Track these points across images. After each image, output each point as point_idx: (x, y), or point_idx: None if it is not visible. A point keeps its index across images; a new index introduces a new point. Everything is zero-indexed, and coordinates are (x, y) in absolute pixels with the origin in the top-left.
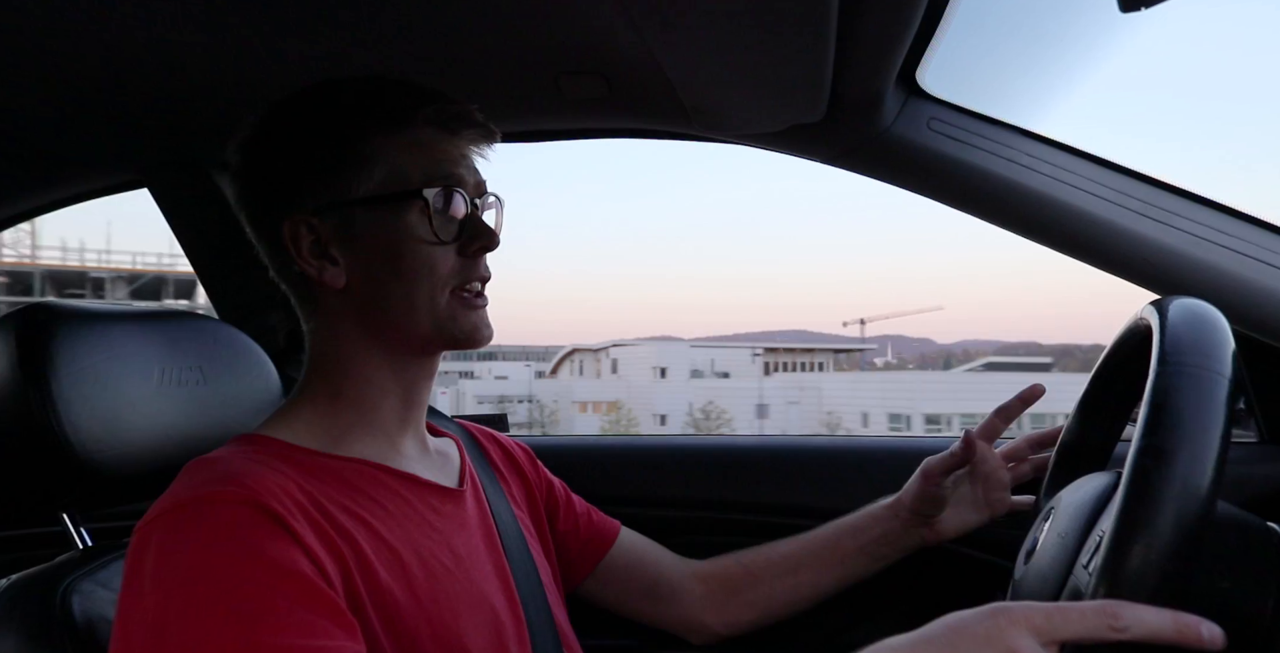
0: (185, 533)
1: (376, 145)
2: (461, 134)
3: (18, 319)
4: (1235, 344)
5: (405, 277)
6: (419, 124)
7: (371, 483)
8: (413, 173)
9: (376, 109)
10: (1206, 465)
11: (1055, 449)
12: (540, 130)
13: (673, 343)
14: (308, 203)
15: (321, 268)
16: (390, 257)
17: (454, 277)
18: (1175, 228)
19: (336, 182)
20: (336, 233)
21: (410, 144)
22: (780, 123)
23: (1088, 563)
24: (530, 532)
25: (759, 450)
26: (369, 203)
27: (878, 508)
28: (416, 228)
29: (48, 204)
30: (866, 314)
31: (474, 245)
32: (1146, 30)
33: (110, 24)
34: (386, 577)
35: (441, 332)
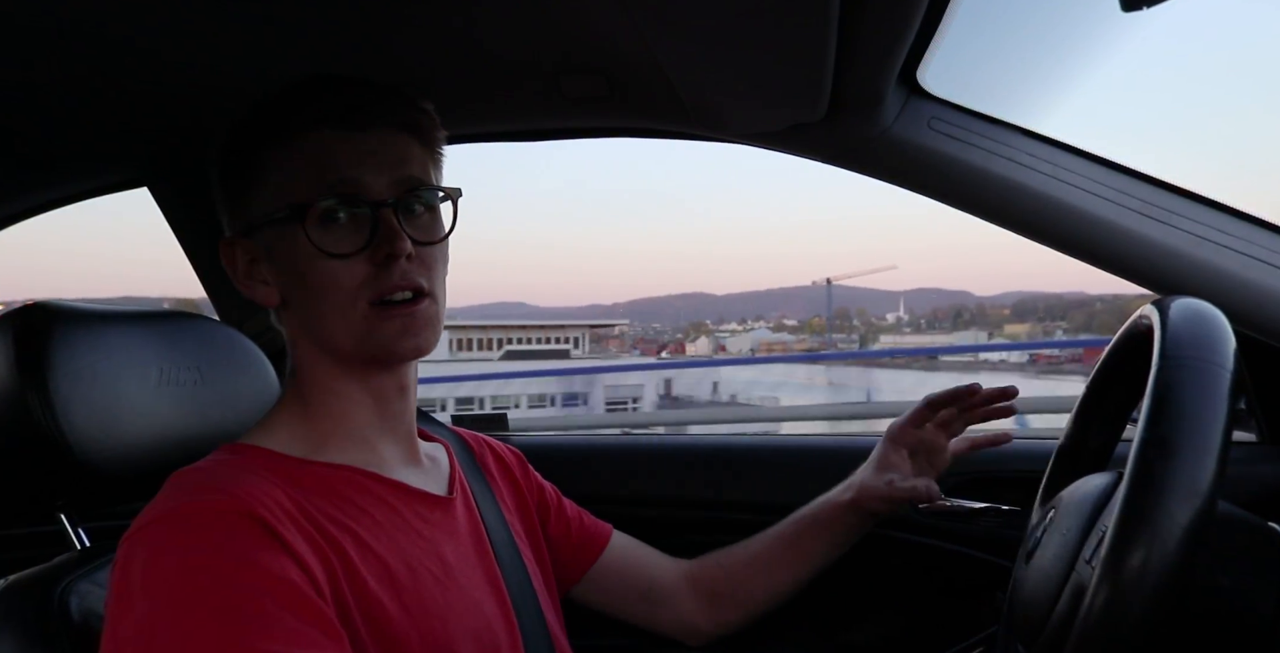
0: (173, 543)
1: (265, 160)
2: (370, 130)
3: (16, 319)
4: (1236, 343)
5: (315, 294)
6: (306, 130)
7: (359, 491)
8: (299, 186)
9: (263, 121)
10: (1210, 458)
11: (1055, 451)
12: (540, 129)
13: None
14: (235, 224)
15: (253, 288)
16: (297, 275)
17: (366, 288)
18: (1176, 228)
19: (244, 202)
20: (262, 253)
21: (296, 154)
22: (781, 122)
23: (1090, 558)
24: (522, 538)
25: (755, 450)
26: (267, 222)
27: (833, 504)
28: (312, 243)
29: (48, 203)
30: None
31: (380, 253)
32: (1149, 30)
33: (111, 23)
34: (375, 585)
35: (361, 347)
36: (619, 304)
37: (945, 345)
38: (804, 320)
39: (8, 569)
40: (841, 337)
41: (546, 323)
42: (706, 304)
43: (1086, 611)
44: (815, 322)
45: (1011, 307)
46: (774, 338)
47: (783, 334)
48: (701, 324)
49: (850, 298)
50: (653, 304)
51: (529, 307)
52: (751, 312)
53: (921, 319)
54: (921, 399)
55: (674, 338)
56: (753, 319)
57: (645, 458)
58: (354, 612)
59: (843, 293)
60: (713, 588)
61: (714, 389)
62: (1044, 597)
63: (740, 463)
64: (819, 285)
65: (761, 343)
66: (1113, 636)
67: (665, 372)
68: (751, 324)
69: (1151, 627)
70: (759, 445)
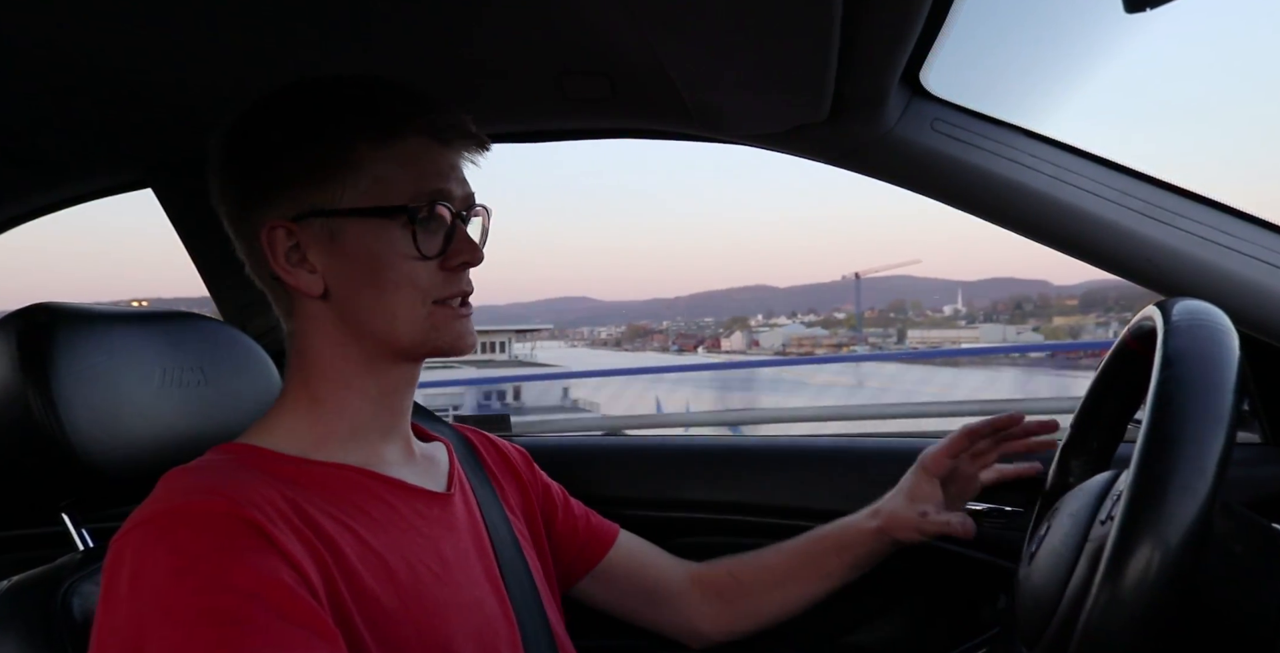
0: (160, 546)
1: (363, 154)
2: (453, 144)
3: (19, 320)
4: (1239, 344)
5: (386, 289)
6: (409, 135)
7: (356, 489)
8: (400, 186)
9: (366, 117)
10: (1213, 459)
11: (1057, 452)
12: (542, 130)
13: None
14: (287, 208)
15: (298, 275)
16: (372, 268)
17: (435, 290)
18: (1179, 229)
19: (320, 189)
20: (316, 240)
21: (398, 156)
22: (783, 123)
23: (1104, 519)
24: (524, 536)
25: (759, 451)
26: (353, 214)
27: (857, 528)
28: (400, 242)
29: (51, 204)
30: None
31: (456, 260)
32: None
33: (113, 23)
34: (372, 583)
35: (425, 342)
36: (680, 298)
37: (937, 349)
38: (853, 314)
39: (10, 570)
40: (878, 331)
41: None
42: (769, 297)
43: (1089, 612)
44: (868, 315)
45: (1080, 297)
46: (805, 333)
47: (816, 329)
48: (742, 319)
49: (909, 289)
50: (714, 298)
51: (592, 301)
52: (814, 304)
53: (980, 311)
54: (960, 429)
55: (715, 333)
56: (805, 313)
57: (648, 459)
58: (352, 610)
59: (903, 284)
60: (722, 595)
61: (564, 394)
62: (1046, 599)
63: (743, 464)
64: (852, 280)
65: (793, 338)
66: (1115, 637)
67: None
68: (802, 318)
69: (1154, 629)
70: (762, 447)
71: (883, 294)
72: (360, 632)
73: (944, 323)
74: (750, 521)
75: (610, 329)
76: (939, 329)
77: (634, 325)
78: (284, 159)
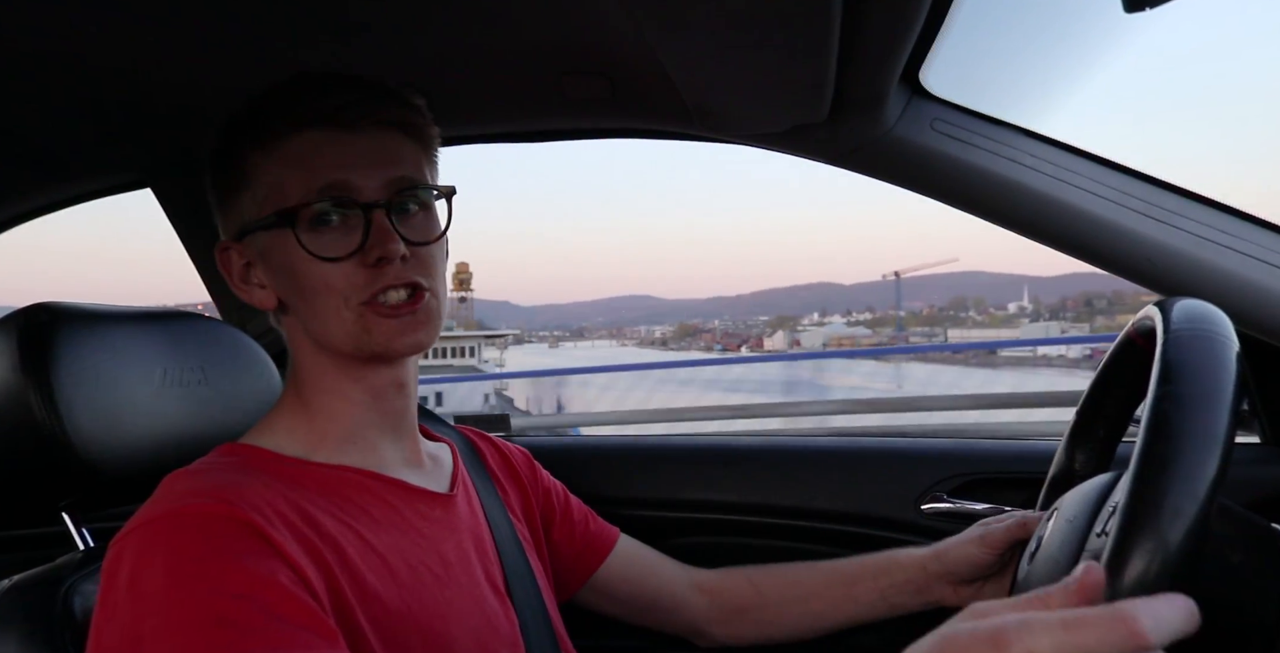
0: (160, 548)
1: (255, 163)
2: (359, 129)
3: (20, 319)
4: (1239, 345)
5: (309, 297)
6: (298, 131)
7: (357, 490)
8: (290, 189)
9: (252, 124)
10: (1212, 459)
11: (1058, 452)
12: (542, 130)
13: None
14: (229, 228)
15: (250, 292)
16: (291, 277)
17: (362, 290)
18: (1178, 229)
19: (235, 206)
20: (256, 257)
21: (286, 158)
22: (783, 123)
23: (1100, 532)
24: (526, 538)
25: (759, 451)
26: (257, 228)
27: (905, 555)
28: (304, 248)
29: (51, 204)
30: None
31: (372, 256)
32: (1152, 30)
33: (112, 24)
34: (375, 583)
35: (360, 346)
36: (742, 296)
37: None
38: (912, 312)
39: (11, 570)
40: (925, 330)
41: (444, 335)
42: (833, 294)
43: None
44: (925, 312)
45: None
46: (846, 332)
47: (859, 328)
48: (789, 318)
49: (974, 285)
50: (776, 295)
51: (655, 299)
52: (878, 302)
53: (1047, 308)
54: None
55: (762, 331)
56: (862, 311)
57: (648, 459)
58: (356, 609)
59: (968, 281)
60: (737, 603)
61: (485, 399)
62: (1057, 571)
63: (743, 464)
64: (896, 278)
65: (832, 337)
66: None
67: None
68: (857, 316)
69: None
70: (764, 447)
71: (947, 290)
72: (364, 631)
73: (1005, 321)
74: (750, 520)
75: (664, 328)
76: (981, 328)
77: (684, 325)
78: (211, 183)
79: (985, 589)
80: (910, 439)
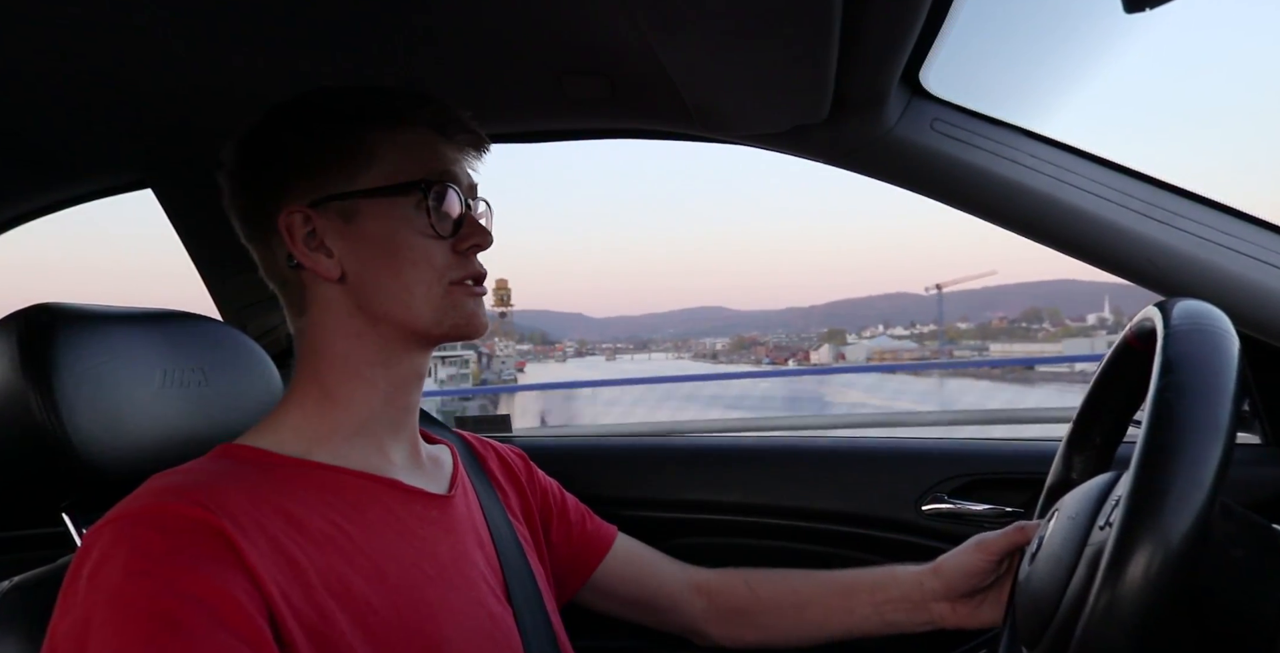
0: (123, 545)
1: (375, 140)
2: (455, 138)
3: (20, 320)
4: (1240, 346)
5: (403, 267)
6: (418, 124)
7: (352, 490)
8: (412, 168)
9: (378, 106)
10: (1213, 460)
11: (1058, 452)
12: (542, 131)
13: None
14: (304, 195)
15: (315, 259)
16: (387, 248)
17: (450, 270)
18: (1179, 229)
19: (335, 174)
20: (332, 225)
21: (409, 142)
22: (783, 123)
23: (1103, 525)
24: (527, 539)
25: (759, 451)
26: (370, 195)
27: (903, 570)
28: (415, 220)
29: (52, 204)
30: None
31: (467, 243)
32: (1151, 30)
33: (113, 25)
34: (362, 583)
35: (441, 320)
36: (815, 307)
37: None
38: (980, 323)
39: (11, 570)
40: (976, 344)
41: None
42: (909, 305)
43: (1089, 613)
44: (995, 324)
45: None
46: (890, 346)
47: (905, 341)
48: (838, 332)
49: (1062, 295)
50: (852, 306)
51: (728, 310)
52: (953, 311)
53: (1128, 320)
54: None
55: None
56: (931, 322)
57: (647, 459)
58: (336, 613)
59: (1051, 290)
60: (734, 606)
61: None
62: (1046, 600)
63: (742, 464)
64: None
65: (875, 351)
66: (1114, 640)
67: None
68: (921, 327)
69: (1154, 629)
70: (763, 447)
71: (1028, 300)
72: (346, 635)
73: (1080, 333)
74: (750, 521)
75: (723, 340)
76: (1022, 343)
77: (741, 337)
78: (301, 151)
79: (984, 607)
80: (910, 440)
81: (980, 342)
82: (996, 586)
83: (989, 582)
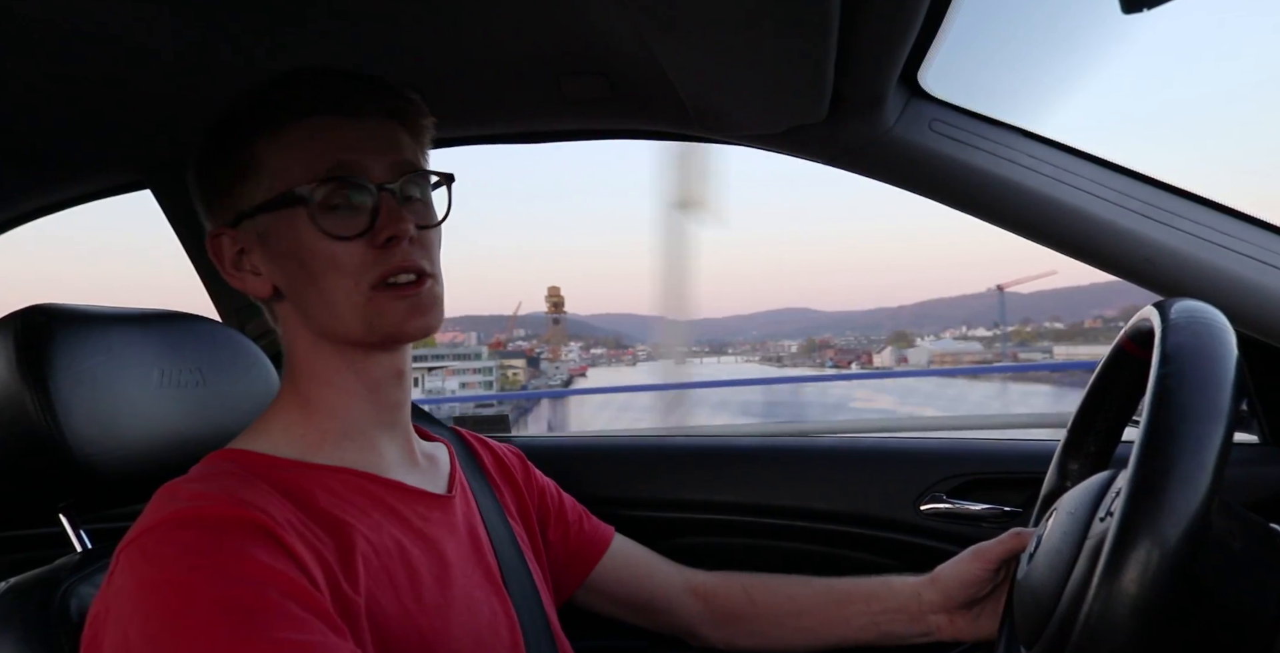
0: (172, 546)
1: (261, 148)
2: (361, 116)
3: (17, 321)
4: (1237, 345)
5: (317, 279)
6: (304, 117)
7: (356, 491)
8: (295, 172)
9: (255, 112)
10: (1210, 459)
11: (1056, 452)
12: (541, 131)
13: None
14: (223, 215)
15: (244, 279)
16: (297, 260)
17: (370, 270)
18: (1177, 229)
19: (238, 191)
20: (252, 243)
21: (292, 143)
22: (782, 124)
23: (1104, 516)
24: (524, 539)
25: (757, 451)
26: (263, 210)
27: (900, 581)
28: (312, 227)
29: (50, 205)
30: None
31: (381, 236)
32: (1150, 30)
33: (112, 25)
34: (373, 584)
35: (370, 328)
36: (904, 307)
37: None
38: (1069, 323)
39: (9, 571)
40: (1044, 346)
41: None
42: (1010, 303)
43: (1088, 609)
44: (1089, 324)
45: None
46: (949, 349)
47: (971, 343)
48: (904, 335)
49: (1130, 292)
50: (943, 306)
51: (814, 312)
52: (1060, 311)
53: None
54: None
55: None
56: (1021, 323)
57: (645, 459)
58: (359, 611)
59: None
60: (730, 610)
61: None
62: (1046, 597)
63: (742, 464)
64: (1003, 291)
65: (935, 354)
66: (1114, 634)
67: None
68: (1004, 328)
69: (1152, 628)
70: (762, 447)
71: (1129, 298)
72: (364, 631)
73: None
74: (748, 521)
75: (799, 343)
76: (1089, 345)
77: (812, 339)
78: (208, 172)
79: (982, 618)
80: (909, 439)
81: (1048, 344)
82: (994, 596)
83: (986, 592)
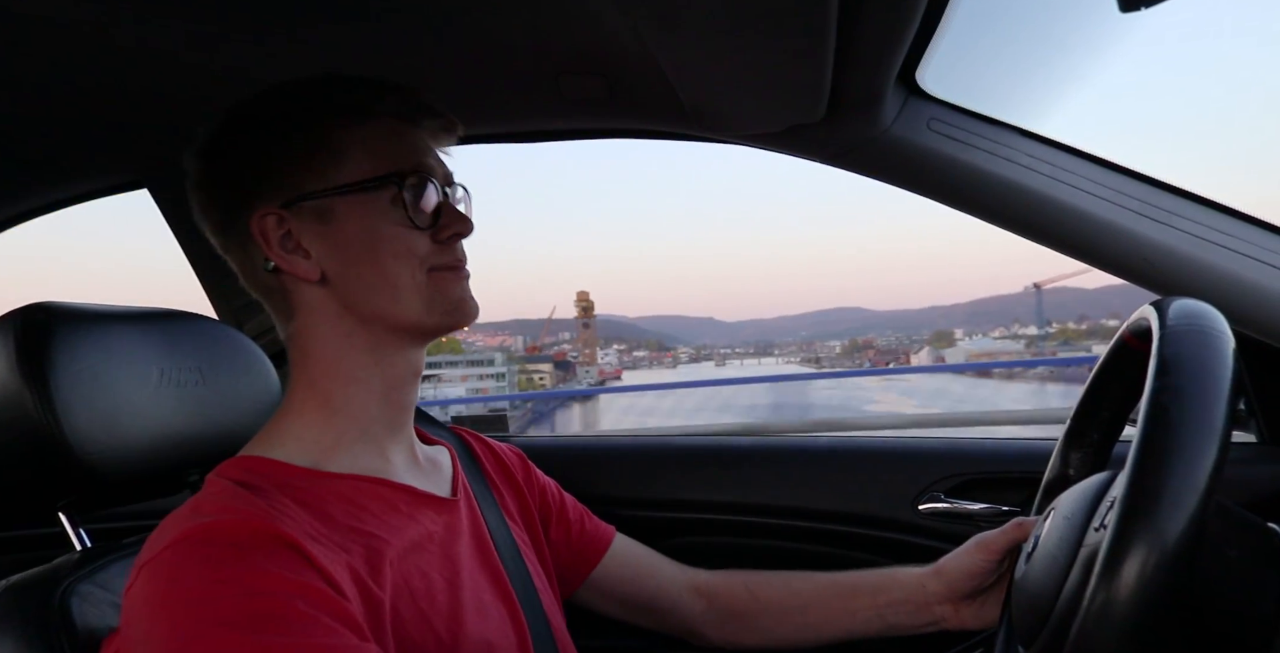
0: (197, 559)
1: (341, 136)
2: (422, 125)
3: (17, 320)
4: (1235, 346)
5: (385, 261)
6: (381, 116)
7: (371, 498)
8: (383, 162)
9: (339, 102)
10: (1208, 458)
11: (1054, 452)
12: (540, 130)
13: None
14: (274, 197)
15: (293, 261)
16: (367, 243)
17: (431, 258)
18: (1175, 228)
19: (305, 173)
20: (307, 225)
21: (376, 135)
22: (780, 123)
23: (1098, 526)
24: (525, 541)
25: (758, 451)
26: (343, 192)
27: (905, 573)
28: (391, 213)
29: (48, 205)
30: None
31: (448, 232)
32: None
33: (111, 24)
34: (390, 590)
35: (429, 310)
36: (958, 305)
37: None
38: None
39: (8, 570)
40: (1085, 345)
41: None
42: (1074, 300)
43: (1085, 611)
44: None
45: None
46: (985, 348)
47: (1006, 342)
48: (946, 333)
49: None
50: (1000, 303)
51: (865, 311)
52: (1121, 307)
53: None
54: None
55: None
56: (1072, 320)
57: (645, 459)
58: (385, 616)
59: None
60: (734, 608)
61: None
62: (1042, 600)
63: (740, 464)
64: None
65: (971, 355)
66: (1111, 636)
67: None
68: (1057, 325)
69: (1150, 627)
70: (762, 447)
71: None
72: (387, 638)
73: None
74: (748, 521)
75: (843, 343)
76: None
77: (855, 340)
78: (266, 151)
79: (987, 607)
80: (908, 439)
81: (1088, 342)
82: (998, 585)
83: (991, 581)
